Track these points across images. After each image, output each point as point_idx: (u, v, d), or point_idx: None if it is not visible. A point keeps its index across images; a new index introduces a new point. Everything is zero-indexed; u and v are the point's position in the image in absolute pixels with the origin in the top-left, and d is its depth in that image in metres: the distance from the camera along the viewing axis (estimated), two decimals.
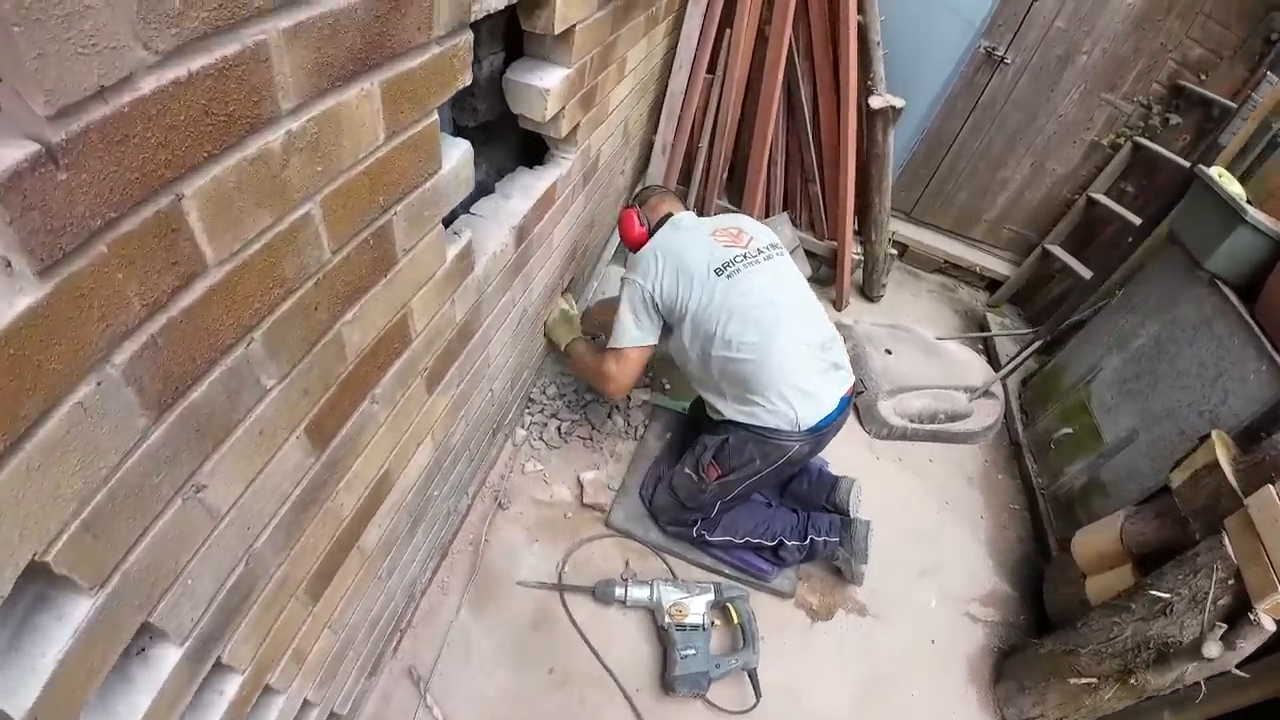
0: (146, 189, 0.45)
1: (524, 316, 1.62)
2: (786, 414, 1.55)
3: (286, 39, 0.52)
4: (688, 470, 1.72)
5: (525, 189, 1.38)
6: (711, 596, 1.70)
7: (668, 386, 2.33)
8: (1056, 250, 3.19)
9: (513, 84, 1.20)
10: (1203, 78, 2.89)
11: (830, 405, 1.59)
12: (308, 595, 0.95)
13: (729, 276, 1.58)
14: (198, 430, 0.59)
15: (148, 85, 0.43)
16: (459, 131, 1.27)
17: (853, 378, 1.68)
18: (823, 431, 1.59)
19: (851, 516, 1.85)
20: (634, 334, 1.66)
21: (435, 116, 0.79)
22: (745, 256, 1.63)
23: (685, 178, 2.77)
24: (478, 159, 1.52)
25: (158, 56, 0.43)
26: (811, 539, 1.78)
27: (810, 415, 1.56)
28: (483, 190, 1.39)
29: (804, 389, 1.56)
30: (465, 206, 1.32)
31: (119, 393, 0.48)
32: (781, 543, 1.77)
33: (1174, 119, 2.96)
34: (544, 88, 1.18)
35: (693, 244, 1.65)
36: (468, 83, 0.83)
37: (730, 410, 1.63)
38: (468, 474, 1.66)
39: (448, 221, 1.28)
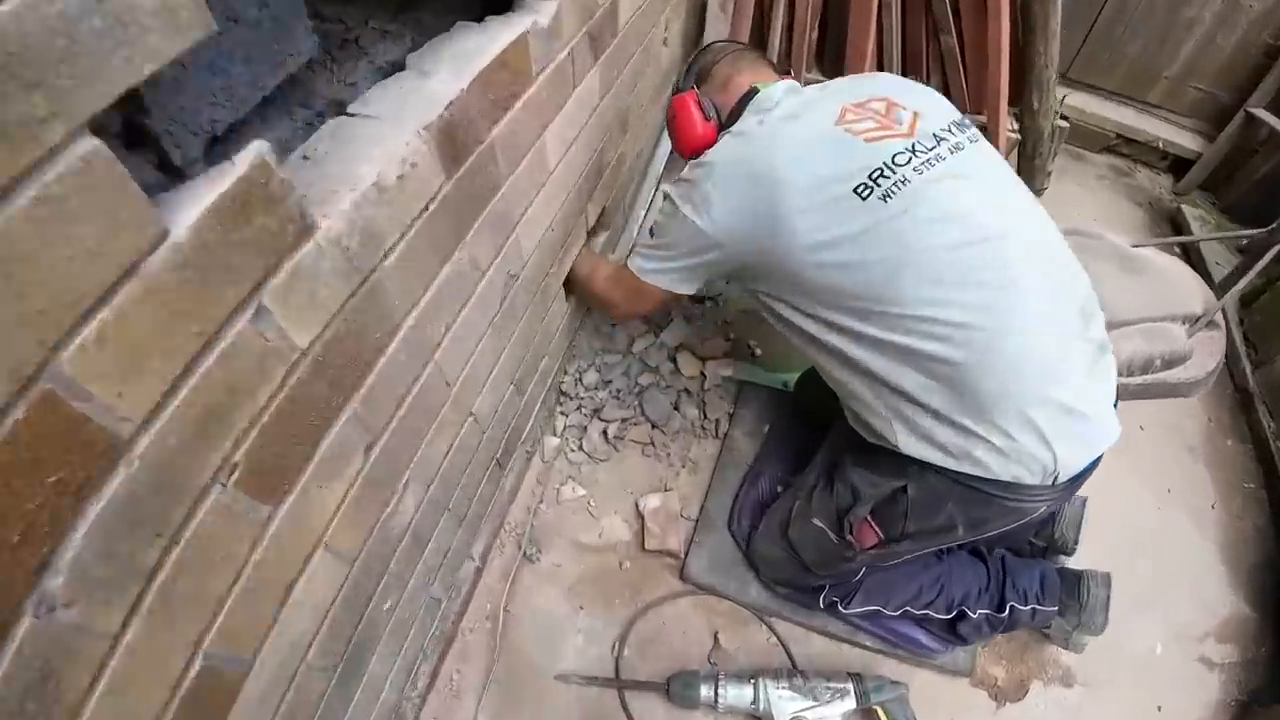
0: None
1: (511, 284, 0.97)
2: (1036, 456, 0.82)
3: None
4: (819, 523, 1.03)
5: (460, 58, 0.70)
6: (852, 704, 1.08)
7: (758, 353, 1.63)
8: (1263, 114, 2.31)
9: None
10: None
11: (1108, 433, 0.86)
12: None
13: (887, 197, 0.81)
14: None
15: None
16: None
17: (1115, 362, 0.92)
18: (1087, 474, 0.88)
19: (1078, 567, 1.14)
20: (666, 277, 1.00)
21: None
22: (915, 151, 0.84)
23: (758, 43, 1.96)
24: (397, 27, 0.85)
25: None
26: (1012, 607, 1.09)
27: (1077, 456, 0.83)
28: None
29: (1068, 405, 0.82)
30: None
31: None
32: (963, 613, 1.10)
33: None
34: None
35: (807, 143, 0.87)
36: None
37: (911, 443, 0.88)
38: (460, 539, 1.08)
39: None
